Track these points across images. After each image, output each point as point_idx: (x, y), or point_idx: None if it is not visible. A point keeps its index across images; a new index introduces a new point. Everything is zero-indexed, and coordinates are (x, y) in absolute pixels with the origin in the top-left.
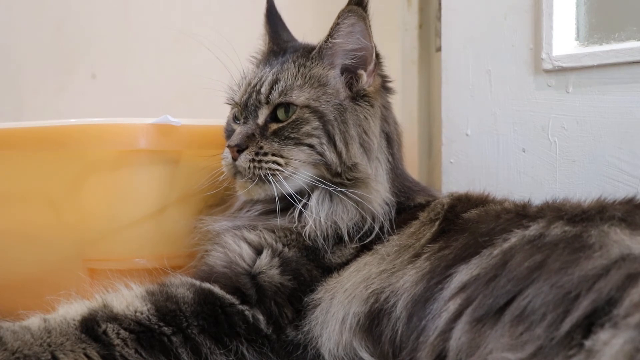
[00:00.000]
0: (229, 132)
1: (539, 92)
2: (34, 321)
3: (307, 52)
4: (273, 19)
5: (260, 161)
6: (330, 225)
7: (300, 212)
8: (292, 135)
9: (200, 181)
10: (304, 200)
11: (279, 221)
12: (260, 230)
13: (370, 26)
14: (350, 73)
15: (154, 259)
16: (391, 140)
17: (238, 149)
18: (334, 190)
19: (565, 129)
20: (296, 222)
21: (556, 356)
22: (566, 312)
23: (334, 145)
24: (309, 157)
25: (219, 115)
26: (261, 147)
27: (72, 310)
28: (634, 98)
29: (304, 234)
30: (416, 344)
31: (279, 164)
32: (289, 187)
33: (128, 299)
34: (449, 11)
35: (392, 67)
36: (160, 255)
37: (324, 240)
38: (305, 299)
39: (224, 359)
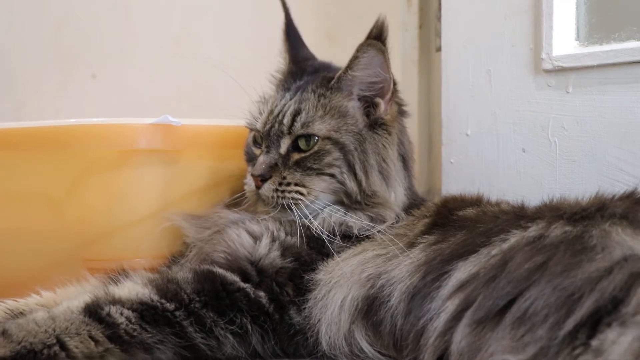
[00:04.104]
0: (250, 155)
1: (539, 92)
2: (38, 313)
3: (326, 82)
4: (292, 36)
5: (283, 191)
6: (340, 225)
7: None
8: (315, 166)
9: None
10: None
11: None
12: (260, 220)
13: (389, 58)
14: (368, 101)
15: (154, 259)
16: (407, 160)
17: (262, 179)
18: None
19: (565, 129)
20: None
21: (559, 355)
22: (569, 313)
23: (354, 174)
24: (330, 185)
25: (219, 115)
26: (284, 177)
27: (75, 300)
28: (634, 98)
29: (312, 229)
30: (417, 346)
31: (301, 194)
32: (309, 213)
33: (130, 286)
34: (449, 11)
35: (392, 67)
36: (160, 255)
37: (332, 235)
38: (307, 278)
39: (228, 329)
